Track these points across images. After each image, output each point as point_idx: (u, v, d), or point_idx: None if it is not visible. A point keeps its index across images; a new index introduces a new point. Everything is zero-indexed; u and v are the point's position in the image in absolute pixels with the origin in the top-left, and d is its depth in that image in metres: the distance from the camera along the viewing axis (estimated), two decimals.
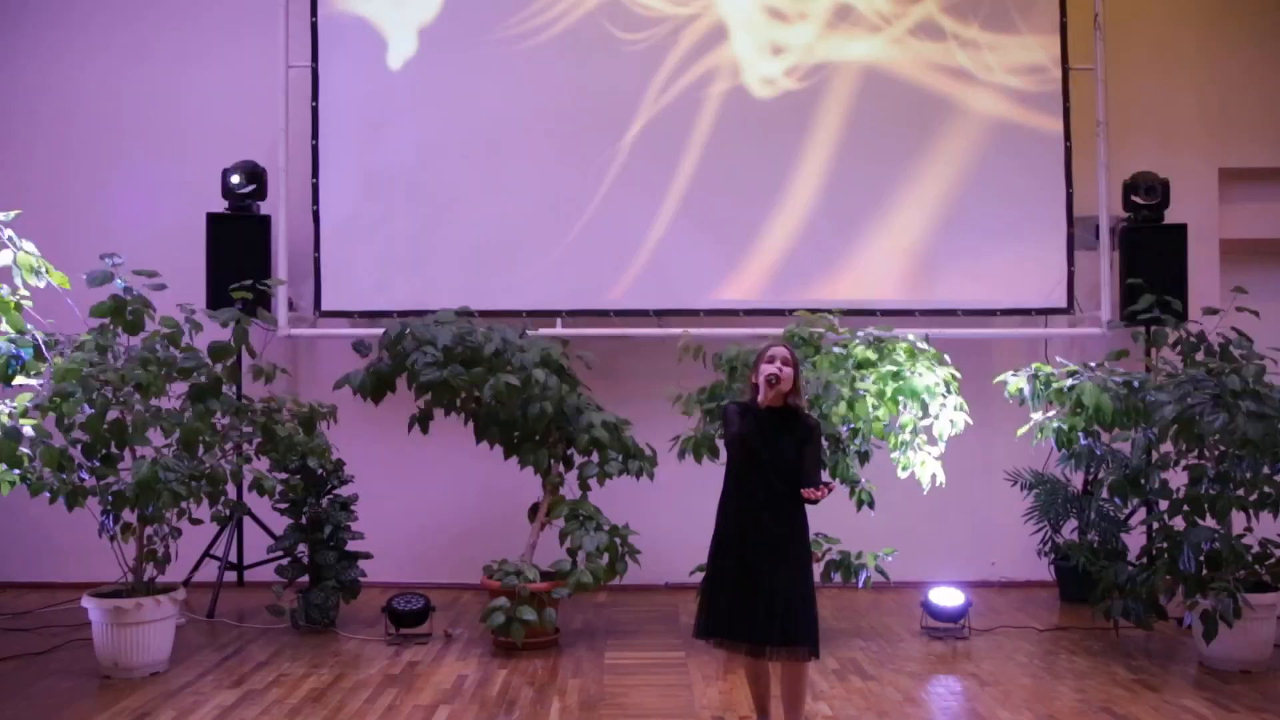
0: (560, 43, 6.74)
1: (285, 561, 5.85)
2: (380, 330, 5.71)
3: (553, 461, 5.73)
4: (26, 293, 4.92)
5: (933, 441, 5.67)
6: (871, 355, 5.55)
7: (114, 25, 7.05)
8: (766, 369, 3.94)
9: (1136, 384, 5.59)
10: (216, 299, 6.12)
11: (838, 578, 5.68)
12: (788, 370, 3.95)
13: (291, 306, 6.71)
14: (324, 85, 6.74)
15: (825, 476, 4.70)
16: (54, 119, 7.03)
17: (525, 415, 5.47)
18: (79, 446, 5.06)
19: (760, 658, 3.93)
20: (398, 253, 6.71)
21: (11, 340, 4.86)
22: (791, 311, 5.95)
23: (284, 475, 5.72)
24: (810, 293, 6.57)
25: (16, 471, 4.71)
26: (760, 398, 3.93)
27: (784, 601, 3.83)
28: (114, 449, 5.10)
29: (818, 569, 5.38)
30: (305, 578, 5.77)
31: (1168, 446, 5.36)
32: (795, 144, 6.71)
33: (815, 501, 3.84)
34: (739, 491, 3.98)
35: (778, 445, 3.92)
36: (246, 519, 6.44)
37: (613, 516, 5.71)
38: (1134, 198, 6.62)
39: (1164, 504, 5.34)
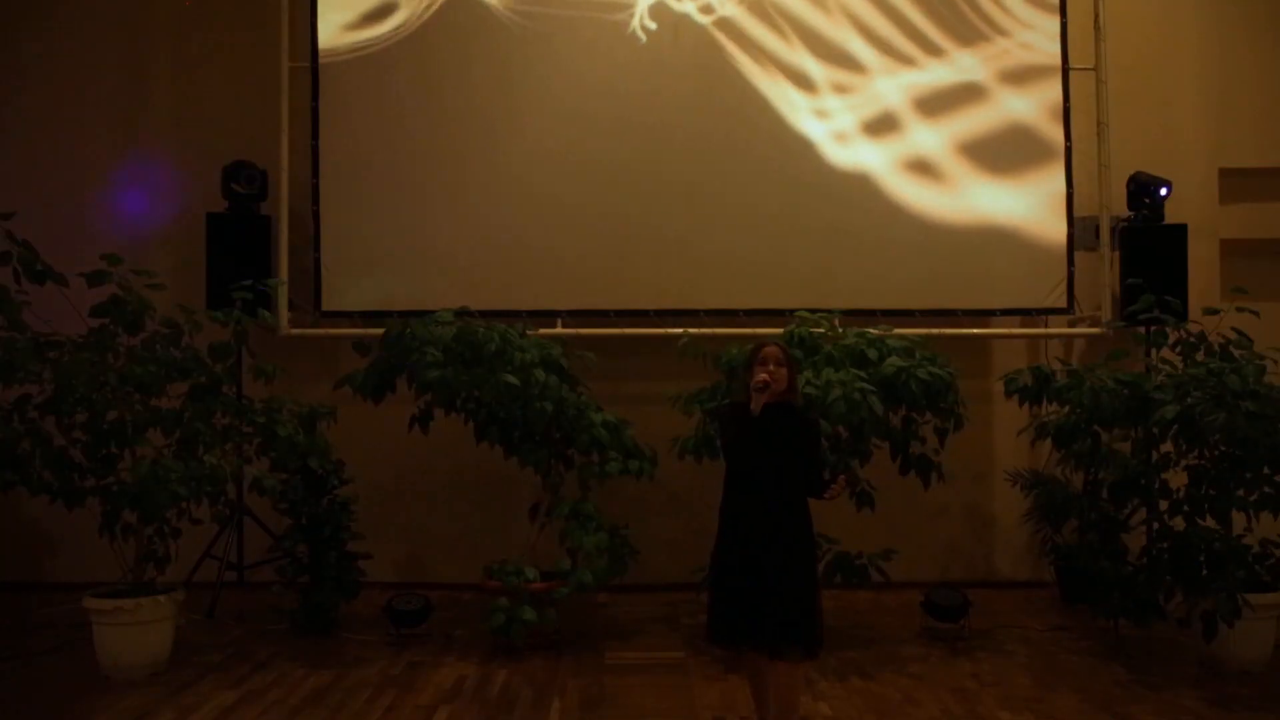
0: (561, 42, 6.74)
1: (285, 561, 5.84)
2: (380, 330, 5.70)
3: (553, 461, 5.73)
4: (26, 293, 4.93)
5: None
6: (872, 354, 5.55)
7: (114, 25, 7.05)
8: (758, 374, 3.89)
9: (1136, 384, 5.58)
10: (216, 299, 6.11)
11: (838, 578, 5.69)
12: (781, 370, 3.91)
13: (291, 306, 6.71)
14: (324, 85, 6.74)
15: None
16: (53, 119, 7.02)
17: (525, 415, 5.47)
18: (79, 446, 5.06)
19: (762, 659, 3.93)
20: (398, 253, 6.71)
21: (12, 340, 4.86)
22: (792, 311, 5.95)
23: (284, 475, 5.72)
24: (810, 293, 6.56)
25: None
26: (752, 405, 3.87)
27: (783, 604, 3.82)
28: (114, 449, 5.09)
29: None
30: (305, 578, 5.77)
31: (1168, 446, 5.36)
32: (797, 144, 6.71)
33: (832, 498, 3.97)
34: (737, 497, 3.94)
35: (773, 448, 3.88)
36: (246, 519, 6.45)
37: (613, 516, 5.71)
38: (1145, 199, 6.65)
39: (1164, 504, 5.34)
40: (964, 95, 6.74)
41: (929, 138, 6.73)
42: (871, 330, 5.75)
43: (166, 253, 6.75)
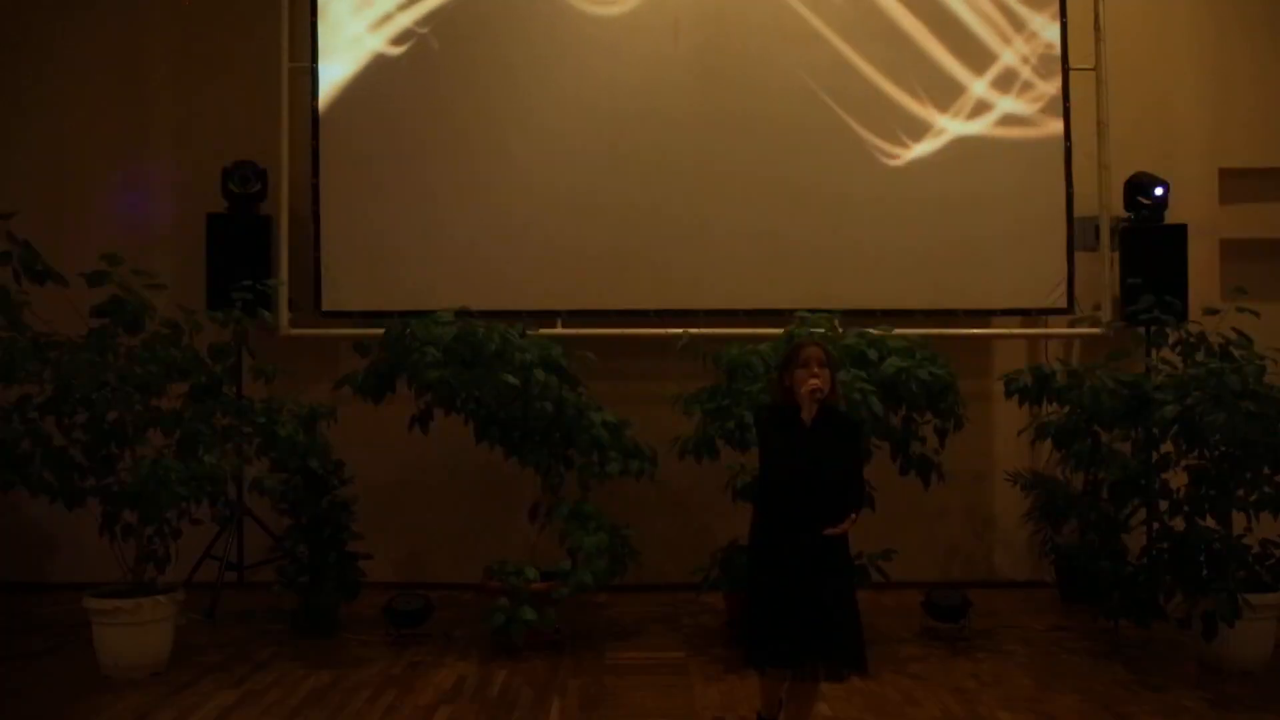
0: (560, 42, 6.73)
1: (285, 562, 5.84)
2: (380, 330, 5.70)
3: (553, 461, 5.72)
4: (26, 293, 4.93)
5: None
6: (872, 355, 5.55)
7: (114, 24, 7.04)
8: (808, 380, 3.69)
9: (1136, 384, 5.58)
10: (216, 299, 6.11)
11: None
12: (825, 373, 3.72)
13: (291, 306, 6.71)
14: (324, 85, 6.74)
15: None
16: (53, 118, 7.02)
17: (525, 415, 5.47)
18: (79, 446, 5.06)
19: (807, 679, 3.83)
20: (398, 253, 6.70)
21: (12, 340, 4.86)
22: (792, 311, 5.94)
23: (284, 475, 5.72)
24: (810, 293, 6.55)
25: None
26: (804, 413, 3.69)
27: (844, 622, 3.76)
28: (114, 449, 5.09)
29: None
30: (305, 578, 5.76)
31: (1168, 446, 5.36)
32: (796, 142, 6.71)
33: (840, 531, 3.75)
34: (784, 507, 3.74)
35: (823, 454, 3.70)
36: (246, 519, 6.45)
37: (613, 516, 5.71)
38: (1144, 199, 6.64)
39: (1164, 504, 5.34)
40: (965, 95, 6.73)
41: (930, 138, 6.72)
42: (871, 330, 5.75)
43: (166, 253, 6.75)
